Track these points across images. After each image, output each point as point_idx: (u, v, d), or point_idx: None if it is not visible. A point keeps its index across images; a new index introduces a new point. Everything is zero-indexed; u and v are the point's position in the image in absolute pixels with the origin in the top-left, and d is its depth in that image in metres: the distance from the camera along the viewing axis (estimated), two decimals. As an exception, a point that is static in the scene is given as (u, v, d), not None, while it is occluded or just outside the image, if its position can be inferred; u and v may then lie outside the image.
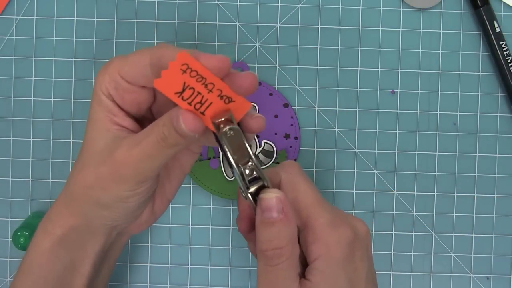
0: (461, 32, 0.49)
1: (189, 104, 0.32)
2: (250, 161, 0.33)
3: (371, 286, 0.36)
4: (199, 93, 0.32)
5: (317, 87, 0.49)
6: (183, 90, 0.32)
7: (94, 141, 0.36)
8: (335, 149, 0.49)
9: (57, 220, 0.38)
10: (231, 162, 0.33)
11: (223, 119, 0.33)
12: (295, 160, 0.49)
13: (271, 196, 0.34)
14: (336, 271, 0.34)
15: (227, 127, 0.33)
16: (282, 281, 0.34)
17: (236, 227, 0.49)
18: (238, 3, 0.49)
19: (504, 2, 0.49)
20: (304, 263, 0.35)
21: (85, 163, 0.36)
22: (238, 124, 0.33)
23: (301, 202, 0.35)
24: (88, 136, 0.36)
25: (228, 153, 0.33)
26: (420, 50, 0.49)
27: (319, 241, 0.34)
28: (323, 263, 0.34)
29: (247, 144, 0.33)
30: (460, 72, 0.49)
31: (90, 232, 0.38)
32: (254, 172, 0.34)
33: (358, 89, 0.49)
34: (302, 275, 0.35)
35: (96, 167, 0.35)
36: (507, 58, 0.47)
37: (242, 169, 0.34)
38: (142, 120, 0.38)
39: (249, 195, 0.34)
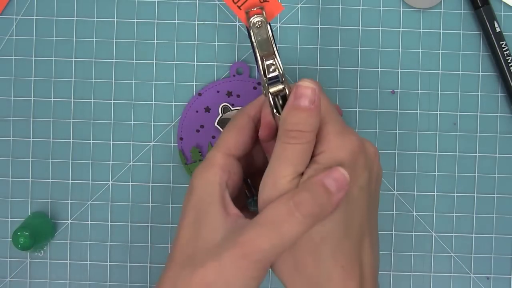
0: (461, 32, 0.49)
1: None
2: (274, 59, 0.35)
3: (365, 196, 0.36)
4: None
5: (317, 87, 0.49)
6: None
7: (207, 237, 0.34)
8: (335, 149, 0.49)
9: None
10: (256, 54, 0.35)
11: (254, 9, 0.35)
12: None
13: (308, 85, 0.34)
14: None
15: (256, 18, 0.35)
16: (298, 156, 0.34)
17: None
18: (238, 3, 0.49)
19: (504, 2, 0.49)
20: None
21: (197, 261, 0.34)
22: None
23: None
24: (197, 234, 0.34)
25: (254, 43, 0.34)
26: (420, 50, 0.49)
27: (324, 141, 0.35)
28: (323, 159, 0.34)
29: (272, 40, 0.34)
30: (460, 72, 0.49)
31: None
32: (276, 72, 0.35)
33: (358, 89, 0.49)
34: None
35: (217, 260, 0.33)
36: (507, 58, 0.47)
37: (266, 64, 0.35)
38: None
39: (269, 94, 0.35)
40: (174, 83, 0.49)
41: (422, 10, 0.49)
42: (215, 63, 0.49)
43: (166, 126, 0.49)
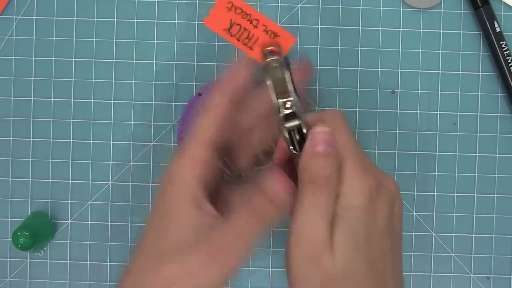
0: (461, 32, 0.49)
1: (238, 40, 0.33)
2: (290, 97, 0.34)
3: (388, 238, 0.35)
4: (245, 29, 0.34)
5: (317, 87, 0.49)
6: (231, 26, 0.33)
7: (175, 233, 0.33)
8: (335, 149, 0.49)
9: None
10: (271, 93, 0.34)
11: (271, 47, 0.34)
12: (295, 160, 0.49)
13: (322, 130, 0.34)
14: (356, 215, 0.34)
15: (271, 58, 0.34)
16: (327, 204, 0.33)
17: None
18: (238, 3, 0.49)
19: (504, 2, 0.49)
20: None
21: (164, 258, 0.33)
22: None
23: (338, 147, 0.35)
24: (165, 229, 0.34)
25: (270, 83, 0.34)
26: (420, 50, 0.49)
27: (341, 184, 0.34)
28: (345, 206, 0.34)
29: (288, 79, 0.34)
30: (460, 72, 0.49)
31: None
32: (293, 108, 0.34)
33: (358, 89, 0.49)
34: None
35: (183, 258, 0.33)
36: (507, 58, 0.47)
37: (281, 102, 0.34)
38: None
39: (285, 128, 0.34)
40: (174, 83, 0.49)
41: (422, 10, 0.49)
42: (215, 63, 0.49)
43: (166, 126, 0.49)
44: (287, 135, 0.34)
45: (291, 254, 0.33)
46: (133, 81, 0.49)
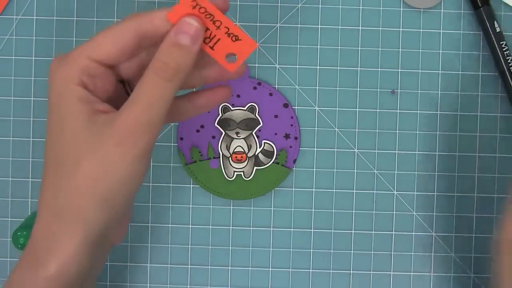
0: (461, 32, 0.49)
1: None
2: None
3: None
4: (207, 28, 0.34)
5: (317, 87, 0.49)
6: None
7: (75, 137, 0.33)
8: (335, 149, 0.49)
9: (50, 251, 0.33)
10: None
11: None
12: (294, 160, 0.49)
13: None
14: None
15: None
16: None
17: (237, 227, 0.49)
18: (238, 3, 0.49)
19: (504, 2, 0.49)
20: None
21: (75, 162, 0.33)
22: None
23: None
24: (66, 138, 0.33)
25: None
26: (420, 50, 0.49)
27: None
28: None
29: None
30: (460, 72, 0.49)
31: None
32: None
33: (358, 89, 0.49)
34: None
35: (93, 155, 0.33)
36: (507, 58, 0.47)
37: None
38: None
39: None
40: (174, 83, 0.49)
41: (422, 10, 0.49)
42: (215, 63, 0.49)
43: (166, 126, 0.49)
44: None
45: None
46: (133, 81, 0.49)
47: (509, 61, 0.47)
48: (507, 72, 0.47)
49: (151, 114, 0.33)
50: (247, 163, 0.49)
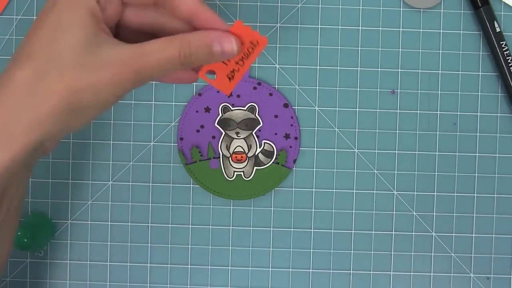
0: (461, 32, 0.49)
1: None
2: None
3: None
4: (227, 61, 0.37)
5: (317, 87, 0.49)
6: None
7: (71, 46, 0.32)
8: (335, 149, 0.49)
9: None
10: None
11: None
12: (294, 160, 0.49)
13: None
14: None
15: None
16: None
17: (237, 227, 0.49)
18: (238, 3, 0.49)
19: (504, 2, 0.49)
20: None
21: (64, 65, 0.32)
22: None
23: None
24: (62, 42, 0.32)
25: None
26: (420, 50, 0.49)
27: None
28: None
29: None
30: (460, 72, 0.49)
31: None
32: None
33: (358, 89, 0.49)
34: None
35: (86, 70, 0.32)
36: (507, 58, 0.47)
37: None
38: None
39: None
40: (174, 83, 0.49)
41: (422, 10, 0.49)
42: (215, 63, 0.49)
43: (166, 126, 0.49)
44: None
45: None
46: (133, 81, 0.49)
47: (509, 61, 0.47)
48: (507, 72, 0.48)
49: (152, 68, 0.34)
50: (247, 163, 0.49)
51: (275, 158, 0.49)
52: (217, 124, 0.48)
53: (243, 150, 0.49)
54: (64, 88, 0.32)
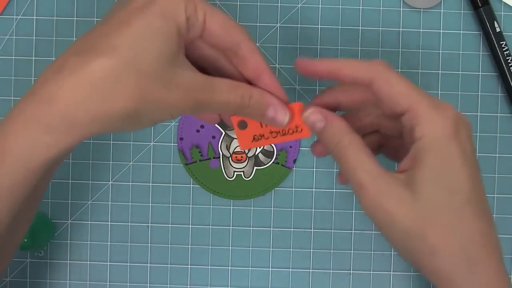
0: (461, 32, 0.49)
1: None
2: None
3: (476, 162, 0.35)
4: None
5: (317, 87, 0.49)
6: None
7: (160, 53, 0.32)
8: (335, 149, 0.49)
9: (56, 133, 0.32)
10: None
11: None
12: (294, 160, 0.49)
13: (308, 113, 0.37)
14: (443, 145, 0.33)
15: None
16: (354, 158, 0.35)
17: (237, 227, 0.49)
18: (238, 3, 0.49)
19: (504, 2, 0.49)
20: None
21: (145, 71, 0.31)
22: None
23: (398, 93, 0.35)
24: (152, 43, 0.32)
25: None
26: (420, 50, 0.49)
27: (423, 121, 0.34)
28: (428, 140, 0.34)
29: None
30: (460, 72, 0.49)
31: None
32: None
33: (358, 89, 0.49)
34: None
35: (162, 85, 0.32)
36: (507, 58, 0.47)
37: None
38: None
39: None
40: (174, 83, 0.49)
41: (422, 10, 0.49)
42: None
43: (166, 126, 0.49)
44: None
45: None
46: (133, 81, 0.49)
47: (509, 61, 0.47)
48: (507, 72, 0.48)
49: (212, 104, 0.34)
50: (247, 163, 0.49)
51: (275, 158, 0.49)
52: (217, 124, 0.48)
53: (243, 150, 0.49)
54: (138, 93, 0.31)
